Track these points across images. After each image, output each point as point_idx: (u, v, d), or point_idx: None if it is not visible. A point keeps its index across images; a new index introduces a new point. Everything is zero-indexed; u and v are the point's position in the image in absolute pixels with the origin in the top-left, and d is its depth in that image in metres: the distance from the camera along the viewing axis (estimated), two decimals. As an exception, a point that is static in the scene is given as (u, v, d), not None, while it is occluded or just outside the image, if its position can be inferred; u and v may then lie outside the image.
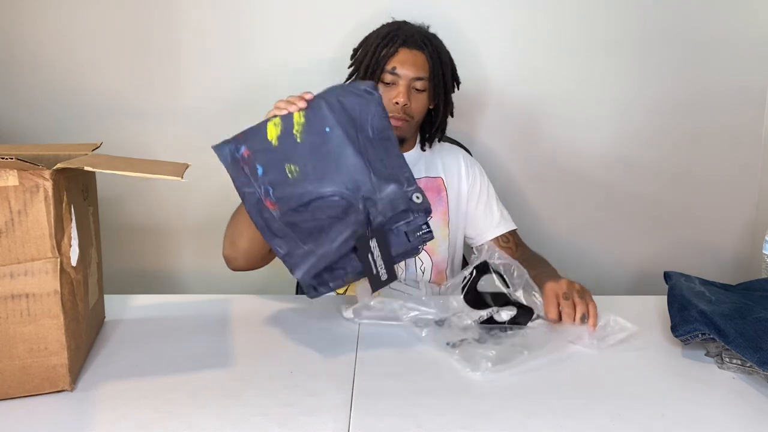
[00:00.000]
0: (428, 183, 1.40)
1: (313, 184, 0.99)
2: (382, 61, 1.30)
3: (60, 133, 1.68)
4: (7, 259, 0.82)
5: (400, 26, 1.35)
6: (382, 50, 1.30)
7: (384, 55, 1.30)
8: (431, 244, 1.36)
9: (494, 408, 0.85)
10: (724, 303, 1.05)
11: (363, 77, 1.34)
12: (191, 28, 1.66)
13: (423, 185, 1.39)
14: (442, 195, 1.40)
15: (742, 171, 1.78)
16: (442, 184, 1.41)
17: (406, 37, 1.31)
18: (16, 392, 0.85)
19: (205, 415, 0.82)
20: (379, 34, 1.34)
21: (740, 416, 0.86)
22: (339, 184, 0.99)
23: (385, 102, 1.28)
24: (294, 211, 0.99)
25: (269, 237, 0.99)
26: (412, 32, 1.32)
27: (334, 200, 0.99)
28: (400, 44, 1.30)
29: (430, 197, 1.38)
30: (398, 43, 1.30)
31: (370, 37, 1.36)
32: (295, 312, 1.17)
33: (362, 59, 1.35)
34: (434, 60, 1.32)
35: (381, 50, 1.31)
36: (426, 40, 1.33)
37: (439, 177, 1.41)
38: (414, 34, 1.32)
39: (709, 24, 1.69)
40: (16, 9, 1.63)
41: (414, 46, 1.30)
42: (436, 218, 1.38)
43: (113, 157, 0.94)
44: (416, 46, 1.31)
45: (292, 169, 1.00)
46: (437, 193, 1.40)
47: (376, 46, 1.32)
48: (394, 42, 1.30)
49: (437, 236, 1.37)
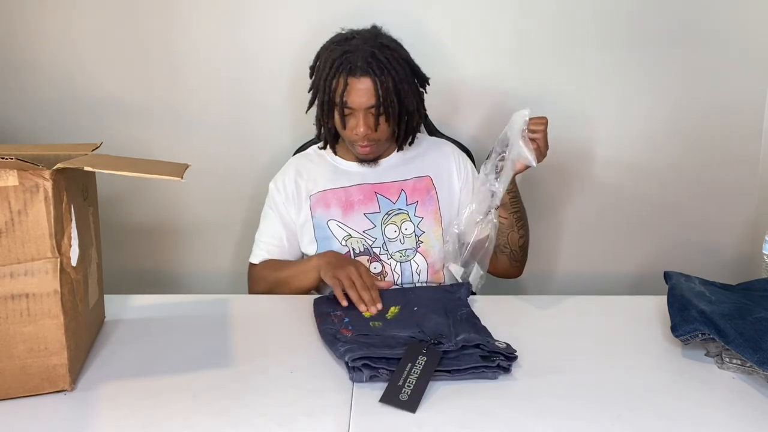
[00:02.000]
0: (416, 183, 1.40)
1: (393, 330, 1.04)
2: (334, 97, 1.29)
3: (60, 133, 1.68)
4: (7, 259, 0.82)
5: (345, 50, 1.30)
6: (331, 83, 1.29)
7: (334, 89, 1.29)
8: (425, 246, 1.37)
9: (494, 408, 0.85)
10: (724, 303, 1.05)
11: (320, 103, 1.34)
12: (191, 28, 1.65)
13: (411, 186, 1.40)
14: (432, 194, 1.40)
15: (742, 171, 1.78)
16: (430, 182, 1.41)
17: (350, 65, 1.28)
18: (16, 392, 0.85)
19: (205, 415, 0.82)
20: (327, 59, 1.32)
21: (740, 416, 0.86)
22: (417, 333, 1.02)
23: (348, 133, 1.34)
24: (365, 335, 1.02)
25: (332, 344, 1.00)
26: (357, 56, 1.28)
27: (409, 338, 1.01)
28: (347, 74, 1.28)
29: (418, 197, 1.39)
30: (344, 73, 1.28)
31: (321, 59, 1.35)
32: (295, 312, 1.17)
33: (317, 89, 1.35)
34: (382, 82, 1.28)
35: (330, 83, 1.29)
36: (371, 61, 1.28)
37: (426, 176, 1.41)
38: (358, 58, 1.27)
39: (709, 24, 1.68)
40: (16, 9, 1.63)
41: (361, 73, 1.27)
42: (427, 218, 1.38)
43: (113, 157, 0.94)
44: (364, 72, 1.27)
45: (377, 324, 1.08)
46: (426, 193, 1.40)
47: (325, 78, 1.30)
48: (340, 72, 1.28)
49: (430, 237, 1.38)
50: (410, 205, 1.39)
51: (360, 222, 1.37)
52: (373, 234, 1.36)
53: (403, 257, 1.36)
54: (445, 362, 0.93)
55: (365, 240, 1.36)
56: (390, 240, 1.36)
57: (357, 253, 1.35)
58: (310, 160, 1.46)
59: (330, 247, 1.35)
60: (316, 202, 1.38)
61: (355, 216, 1.37)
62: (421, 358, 0.92)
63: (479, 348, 0.95)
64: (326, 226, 1.37)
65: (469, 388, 0.90)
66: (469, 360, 0.93)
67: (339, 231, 1.36)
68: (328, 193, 1.39)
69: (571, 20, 1.68)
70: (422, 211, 1.39)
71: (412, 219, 1.38)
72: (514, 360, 0.96)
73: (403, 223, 1.37)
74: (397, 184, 1.40)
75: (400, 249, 1.36)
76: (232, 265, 1.78)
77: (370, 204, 1.38)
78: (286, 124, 1.70)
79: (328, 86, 1.30)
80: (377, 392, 0.88)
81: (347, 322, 1.07)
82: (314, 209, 1.38)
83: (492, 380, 0.92)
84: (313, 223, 1.37)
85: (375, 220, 1.37)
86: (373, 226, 1.37)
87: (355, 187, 1.39)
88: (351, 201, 1.38)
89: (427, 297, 1.17)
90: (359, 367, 0.91)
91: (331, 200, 1.38)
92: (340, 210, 1.37)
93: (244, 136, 1.71)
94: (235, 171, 1.73)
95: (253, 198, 1.75)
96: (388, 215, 1.37)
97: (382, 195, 1.39)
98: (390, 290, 1.23)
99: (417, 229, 1.37)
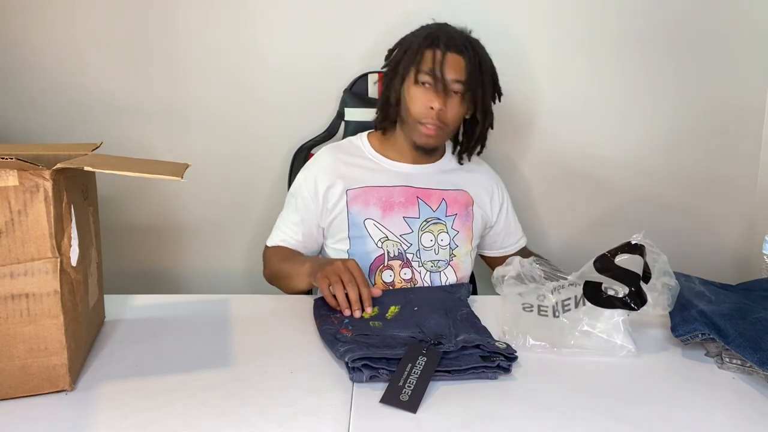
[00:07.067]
0: (458, 196, 1.38)
1: (393, 330, 1.03)
2: (420, 62, 1.27)
3: (60, 133, 1.68)
4: (7, 259, 0.82)
5: (441, 28, 1.32)
6: (423, 51, 1.28)
7: (424, 57, 1.27)
8: (456, 260, 1.36)
9: (495, 408, 0.85)
10: (724, 303, 1.05)
11: (397, 77, 1.32)
12: (191, 27, 1.65)
13: (452, 198, 1.37)
14: (470, 210, 1.39)
15: (742, 171, 1.78)
16: (470, 199, 1.39)
17: (447, 39, 1.28)
18: (16, 392, 0.85)
19: (205, 415, 0.82)
20: (419, 35, 1.32)
21: (740, 416, 0.86)
22: (417, 334, 1.01)
23: (420, 107, 1.28)
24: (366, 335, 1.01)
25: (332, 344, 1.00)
26: (454, 35, 1.30)
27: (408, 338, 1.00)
28: (443, 47, 1.27)
29: (457, 210, 1.37)
30: (440, 45, 1.27)
31: (408, 38, 1.34)
32: (295, 312, 1.17)
33: (400, 59, 1.32)
34: (474, 65, 1.28)
35: (422, 51, 1.28)
36: (468, 44, 1.30)
37: (466, 192, 1.40)
38: (456, 37, 1.30)
39: (710, 25, 1.68)
40: (16, 8, 1.63)
41: (455, 49, 1.27)
42: (462, 233, 1.37)
43: (113, 157, 0.94)
44: (457, 50, 1.27)
45: (377, 324, 1.06)
46: (465, 207, 1.38)
47: (417, 46, 1.29)
48: (435, 44, 1.28)
49: (462, 251, 1.37)
50: (449, 217, 1.36)
51: (399, 225, 1.33)
52: (409, 239, 1.33)
53: (434, 267, 1.34)
54: (445, 362, 0.93)
55: (401, 244, 1.33)
56: (425, 248, 1.34)
57: (391, 257, 1.32)
58: (347, 153, 1.40)
59: (364, 247, 1.32)
60: (354, 198, 1.33)
61: (394, 218, 1.33)
62: (422, 358, 0.92)
63: (479, 348, 0.95)
64: (362, 225, 1.32)
65: (470, 389, 0.90)
66: (469, 360, 0.93)
67: (376, 231, 1.32)
68: (368, 191, 1.34)
69: (571, 21, 1.68)
70: (459, 225, 1.37)
71: (449, 231, 1.35)
72: (514, 360, 0.96)
73: (439, 234, 1.35)
74: (438, 192, 1.37)
75: (433, 259, 1.34)
76: (232, 265, 1.78)
77: (410, 208, 1.34)
78: (287, 124, 1.70)
79: (419, 56, 1.28)
80: (377, 392, 0.88)
81: (347, 322, 1.07)
82: (351, 205, 1.33)
83: (492, 380, 0.92)
84: (348, 220, 1.33)
85: (413, 225, 1.34)
86: (410, 231, 1.33)
87: (398, 188, 1.35)
88: (392, 202, 1.33)
89: (428, 297, 1.17)
90: (359, 367, 0.91)
91: (371, 198, 1.33)
92: (380, 210, 1.33)
93: (244, 136, 1.71)
94: (235, 171, 1.73)
95: (253, 197, 1.75)
96: (426, 222, 1.34)
97: (423, 201, 1.35)
98: (390, 290, 1.23)
99: (452, 242, 1.35)
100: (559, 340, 1.01)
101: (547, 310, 1.07)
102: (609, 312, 1.02)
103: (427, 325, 1.04)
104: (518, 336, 1.02)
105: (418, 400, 0.85)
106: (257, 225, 1.73)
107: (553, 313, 1.06)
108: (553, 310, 1.06)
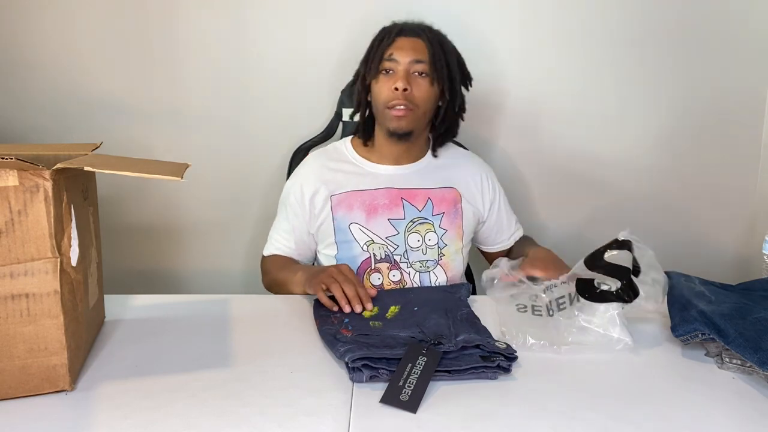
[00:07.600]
0: (445, 193, 1.37)
1: (393, 330, 1.03)
2: (379, 52, 1.30)
3: (60, 133, 1.68)
4: (7, 259, 0.82)
5: (396, 23, 1.37)
6: (379, 43, 1.32)
7: (381, 46, 1.31)
8: (446, 259, 1.36)
9: (495, 408, 0.85)
10: (724, 303, 1.05)
11: (363, 72, 1.34)
12: (191, 27, 1.66)
13: (438, 196, 1.37)
14: (458, 207, 1.38)
15: (742, 171, 1.78)
16: (458, 195, 1.39)
17: (402, 27, 1.33)
18: (16, 392, 0.85)
19: (205, 415, 0.82)
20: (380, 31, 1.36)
21: (740, 416, 0.86)
22: (417, 334, 1.01)
23: (386, 92, 1.30)
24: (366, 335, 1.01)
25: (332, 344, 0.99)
26: (408, 23, 1.35)
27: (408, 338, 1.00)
28: (396, 34, 1.32)
29: (444, 208, 1.37)
30: (394, 33, 1.32)
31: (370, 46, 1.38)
32: (295, 312, 1.17)
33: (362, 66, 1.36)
34: (434, 44, 1.31)
35: (378, 43, 1.32)
36: (425, 28, 1.34)
37: (454, 188, 1.39)
38: (410, 24, 1.34)
39: (710, 24, 1.69)
40: (16, 8, 1.63)
41: (411, 34, 1.32)
42: (451, 231, 1.37)
43: (113, 157, 0.94)
44: (413, 34, 1.32)
45: (377, 324, 1.06)
46: (453, 205, 1.38)
47: (374, 41, 1.34)
48: (390, 33, 1.32)
49: (451, 250, 1.36)
50: (436, 216, 1.36)
51: (383, 227, 1.33)
52: (395, 241, 1.33)
53: (423, 268, 1.34)
54: (445, 362, 0.93)
55: (387, 246, 1.33)
56: (412, 249, 1.33)
57: (378, 260, 1.32)
58: (331, 158, 1.41)
59: (350, 251, 1.33)
60: (338, 204, 1.34)
61: (378, 221, 1.33)
62: (422, 358, 0.92)
63: (479, 348, 0.95)
64: (348, 230, 1.33)
65: (470, 389, 0.90)
66: (469, 360, 0.93)
67: (361, 235, 1.33)
68: (352, 195, 1.34)
69: (570, 20, 1.68)
70: (447, 223, 1.36)
71: (436, 230, 1.35)
72: (514, 360, 0.96)
73: (427, 233, 1.34)
74: (424, 191, 1.36)
75: (422, 259, 1.34)
76: (232, 265, 1.79)
77: (395, 209, 1.34)
78: (286, 124, 1.70)
79: (376, 46, 1.32)
80: (377, 392, 0.88)
81: (347, 322, 1.07)
82: (336, 210, 1.34)
83: (492, 380, 0.92)
84: (334, 225, 1.33)
85: (399, 226, 1.34)
86: (396, 233, 1.33)
87: (381, 191, 1.35)
88: (375, 205, 1.34)
89: (427, 297, 1.17)
90: (359, 367, 0.91)
91: (355, 203, 1.34)
92: (364, 214, 1.33)
93: (244, 136, 1.71)
94: (235, 171, 1.73)
95: (252, 198, 1.75)
96: (412, 223, 1.34)
97: (408, 201, 1.35)
98: (390, 290, 1.23)
99: (440, 241, 1.35)
100: (556, 338, 1.02)
101: (540, 309, 1.07)
102: (604, 306, 1.03)
103: (427, 325, 1.04)
104: (517, 335, 1.02)
105: (418, 400, 0.85)
106: (256, 225, 1.73)
107: (548, 311, 1.06)
108: (547, 309, 1.07)
